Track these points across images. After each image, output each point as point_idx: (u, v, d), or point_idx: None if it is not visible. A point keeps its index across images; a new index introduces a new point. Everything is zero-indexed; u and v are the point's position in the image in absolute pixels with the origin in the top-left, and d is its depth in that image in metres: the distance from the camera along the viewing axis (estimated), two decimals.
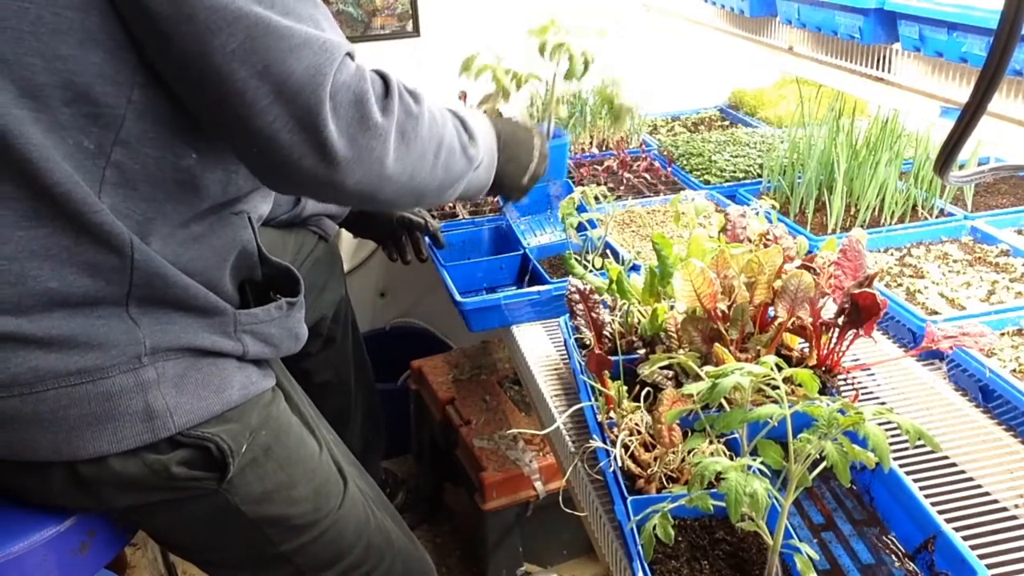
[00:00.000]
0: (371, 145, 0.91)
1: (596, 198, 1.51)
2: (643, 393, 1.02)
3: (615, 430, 0.99)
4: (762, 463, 0.77)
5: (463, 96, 2.17)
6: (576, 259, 1.38)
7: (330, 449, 1.19)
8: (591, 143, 2.23)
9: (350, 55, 0.91)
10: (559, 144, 1.32)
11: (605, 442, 0.98)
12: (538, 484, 1.80)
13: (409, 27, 2.21)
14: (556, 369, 1.29)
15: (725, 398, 0.90)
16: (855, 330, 1.02)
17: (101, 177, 0.88)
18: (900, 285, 1.37)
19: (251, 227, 1.08)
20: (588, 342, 1.14)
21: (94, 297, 0.91)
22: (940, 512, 0.89)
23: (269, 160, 0.90)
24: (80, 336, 0.91)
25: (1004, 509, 0.95)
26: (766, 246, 1.11)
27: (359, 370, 1.81)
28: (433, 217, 1.75)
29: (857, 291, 0.99)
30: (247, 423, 1.04)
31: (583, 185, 1.65)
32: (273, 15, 0.84)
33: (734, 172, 1.94)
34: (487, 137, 1.18)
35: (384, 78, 0.96)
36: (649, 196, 1.87)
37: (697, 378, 0.87)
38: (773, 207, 1.44)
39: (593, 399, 1.05)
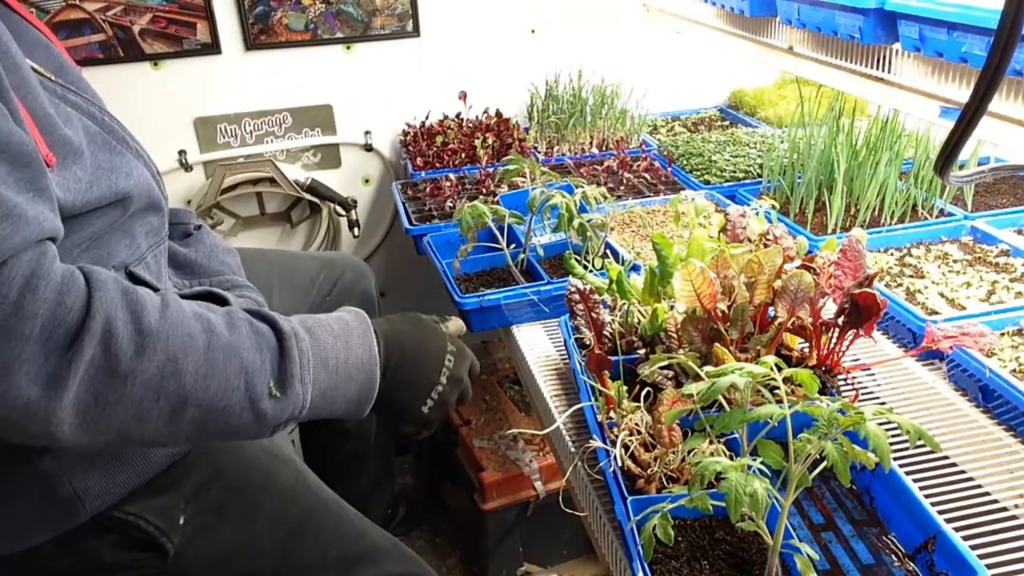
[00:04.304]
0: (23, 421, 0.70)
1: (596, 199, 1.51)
2: (643, 393, 1.02)
3: (615, 430, 0.99)
4: (762, 463, 0.77)
5: (463, 96, 2.18)
6: (576, 259, 1.38)
7: (305, 473, 1.12)
8: (591, 143, 2.23)
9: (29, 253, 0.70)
10: None
11: (605, 442, 0.98)
12: (538, 484, 1.80)
13: (409, 27, 2.21)
14: (556, 369, 1.29)
15: (725, 398, 0.90)
16: (855, 330, 1.02)
17: None
18: (900, 285, 1.37)
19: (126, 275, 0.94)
20: (588, 342, 1.14)
21: None
22: (940, 512, 0.89)
23: None
24: None
25: (1004, 509, 0.95)
26: (766, 246, 1.11)
27: (382, 422, 1.75)
28: (431, 216, 1.73)
29: (857, 291, 0.98)
30: (181, 492, 0.95)
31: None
32: None
33: (734, 172, 1.94)
34: (339, 369, 0.89)
35: (87, 308, 0.71)
36: (649, 196, 1.87)
37: (697, 378, 0.87)
38: (773, 207, 1.44)
39: (593, 399, 1.05)
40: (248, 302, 1.06)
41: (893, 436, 1.06)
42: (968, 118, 0.80)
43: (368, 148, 2.34)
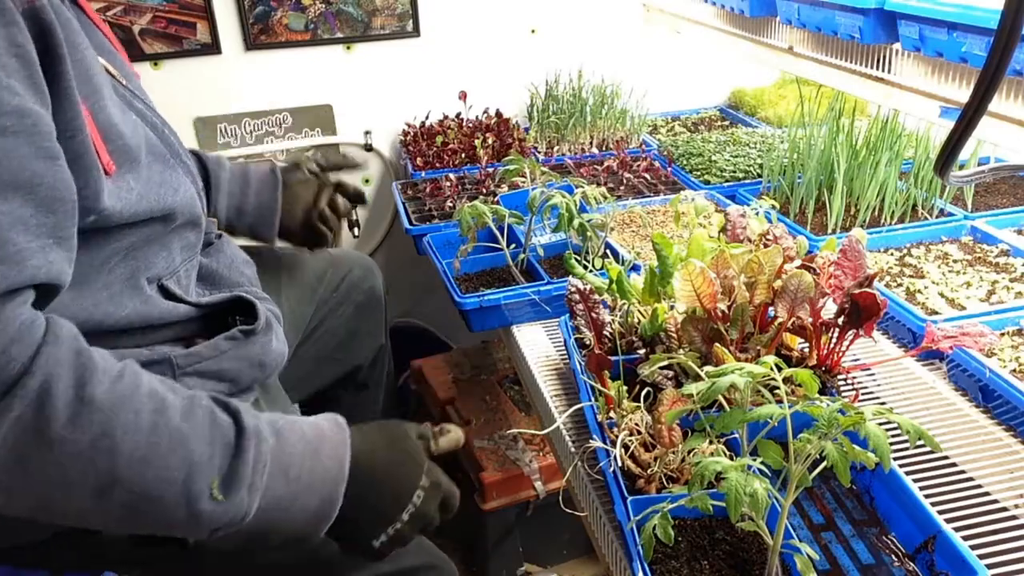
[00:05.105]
0: None
1: (596, 199, 1.51)
2: (643, 393, 1.02)
3: (615, 430, 0.99)
4: (762, 463, 0.77)
5: (463, 96, 2.18)
6: (576, 259, 1.38)
7: None
8: (591, 143, 2.23)
9: None
10: None
11: (605, 442, 0.98)
12: (538, 484, 1.80)
13: (409, 27, 2.21)
14: (556, 369, 1.29)
15: (725, 398, 0.90)
16: (855, 330, 1.02)
17: None
18: (900, 285, 1.37)
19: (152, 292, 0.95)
20: (588, 342, 1.14)
21: None
22: (940, 512, 0.89)
23: None
24: None
25: (1004, 509, 0.95)
26: (766, 246, 1.11)
27: (386, 418, 1.75)
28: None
29: (857, 291, 0.98)
30: None
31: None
32: None
33: (734, 172, 1.94)
34: (302, 478, 0.83)
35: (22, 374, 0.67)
36: (649, 196, 1.87)
37: (697, 378, 0.87)
38: (773, 207, 1.44)
39: (593, 399, 1.05)
40: (268, 315, 1.08)
41: (893, 436, 1.06)
42: (968, 118, 0.80)
43: (368, 148, 2.34)
